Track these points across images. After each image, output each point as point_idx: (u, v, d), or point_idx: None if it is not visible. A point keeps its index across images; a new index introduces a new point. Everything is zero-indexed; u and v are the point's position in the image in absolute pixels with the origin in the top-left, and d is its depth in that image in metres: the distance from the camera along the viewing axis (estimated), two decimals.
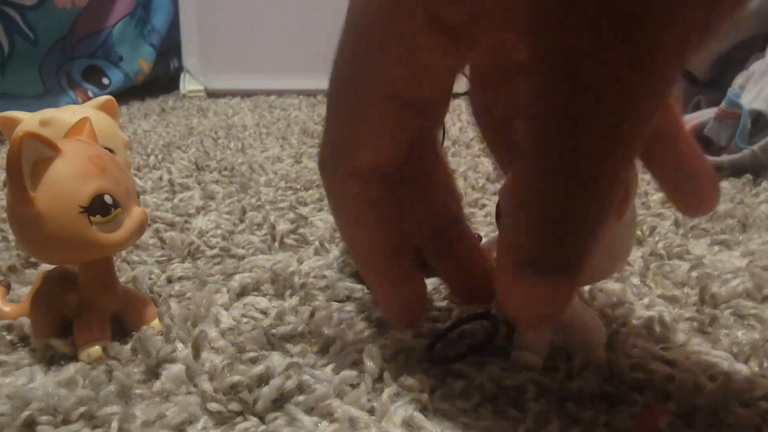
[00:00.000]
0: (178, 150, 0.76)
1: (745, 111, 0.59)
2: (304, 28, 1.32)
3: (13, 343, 0.29)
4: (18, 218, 0.25)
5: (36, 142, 0.24)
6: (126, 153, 0.36)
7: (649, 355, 0.26)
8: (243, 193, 0.55)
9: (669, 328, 0.29)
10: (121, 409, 0.23)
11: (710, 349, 0.27)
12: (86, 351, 0.27)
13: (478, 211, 0.49)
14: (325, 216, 0.48)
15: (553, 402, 0.23)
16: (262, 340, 0.28)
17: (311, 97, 1.28)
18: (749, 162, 0.58)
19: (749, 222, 0.45)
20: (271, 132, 0.88)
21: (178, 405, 0.24)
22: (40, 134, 0.24)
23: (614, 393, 0.24)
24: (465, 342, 0.28)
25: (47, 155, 0.25)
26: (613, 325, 0.29)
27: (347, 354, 0.27)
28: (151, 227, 0.44)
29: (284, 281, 0.35)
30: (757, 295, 0.33)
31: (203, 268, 0.38)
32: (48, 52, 1.10)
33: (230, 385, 0.24)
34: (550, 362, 0.26)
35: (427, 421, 0.23)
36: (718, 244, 0.42)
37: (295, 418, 0.23)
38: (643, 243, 0.42)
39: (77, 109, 0.35)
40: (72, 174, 0.25)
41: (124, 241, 0.27)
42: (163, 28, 1.34)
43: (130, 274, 0.36)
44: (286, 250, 0.42)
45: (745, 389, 0.23)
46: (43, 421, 0.23)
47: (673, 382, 0.24)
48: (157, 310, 0.31)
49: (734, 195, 0.53)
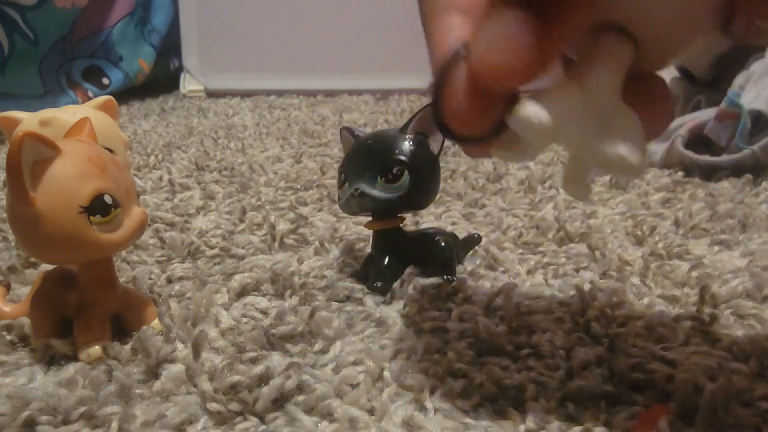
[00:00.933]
0: (178, 150, 0.76)
1: (745, 111, 0.59)
2: (304, 29, 1.33)
3: (13, 343, 0.29)
4: (18, 218, 0.25)
5: (36, 142, 0.24)
6: (126, 153, 0.36)
7: (649, 355, 0.26)
8: (243, 193, 0.55)
9: (669, 328, 0.29)
10: (121, 409, 0.23)
11: (710, 349, 0.27)
12: (86, 351, 0.27)
13: (478, 211, 0.49)
14: (325, 216, 0.48)
15: (553, 401, 0.23)
16: (262, 340, 0.28)
17: (311, 97, 1.28)
18: (749, 162, 0.58)
19: (749, 222, 0.45)
20: (271, 132, 0.88)
21: (178, 405, 0.24)
22: (40, 134, 0.24)
23: (614, 393, 0.24)
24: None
25: (47, 155, 0.25)
26: (613, 325, 0.29)
27: (347, 354, 0.27)
28: (151, 227, 0.44)
29: (284, 281, 0.35)
30: (757, 295, 0.33)
31: (203, 268, 0.38)
32: (48, 52, 1.10)
33: (230, 385, 0.24)
34: (551, 361, 0.26)
35: (427, 420, 0.23)
36: (718, 244, 0.42)
37: (295, 418, 0.23)
38: (643, 243, 0.42)
39: (77, 109, 0.35)
40: (72, 174, 0.25)
41: (124, 241, 0.27)
42: (163, 28, 1.34)
43: (130, 274, 0.36)
44: (286, 250, 0.42)
45: (745, 389, 0.23)
46: (43, 421, 0.23)
47: (673, 382, 0.24)
48: (157, 310, 0.31)
49: (734, 195, 0.53)
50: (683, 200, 0.52)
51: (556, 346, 0.27)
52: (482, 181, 0.59)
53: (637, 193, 0.54)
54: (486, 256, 0.39)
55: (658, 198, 0.52)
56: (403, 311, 0.31)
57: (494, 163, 0.67)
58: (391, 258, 0.35)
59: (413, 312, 0.31)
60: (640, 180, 0.59)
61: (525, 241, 0.42)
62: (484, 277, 0.36)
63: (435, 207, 0.50)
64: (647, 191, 0.55)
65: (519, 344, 0.27)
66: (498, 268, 0.38)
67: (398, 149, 0.32)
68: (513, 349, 0.27)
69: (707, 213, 0.47)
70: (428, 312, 0.31)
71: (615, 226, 0.45)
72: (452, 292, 0.33)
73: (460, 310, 0.31)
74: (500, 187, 0.57)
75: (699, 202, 0.51)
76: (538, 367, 0.26)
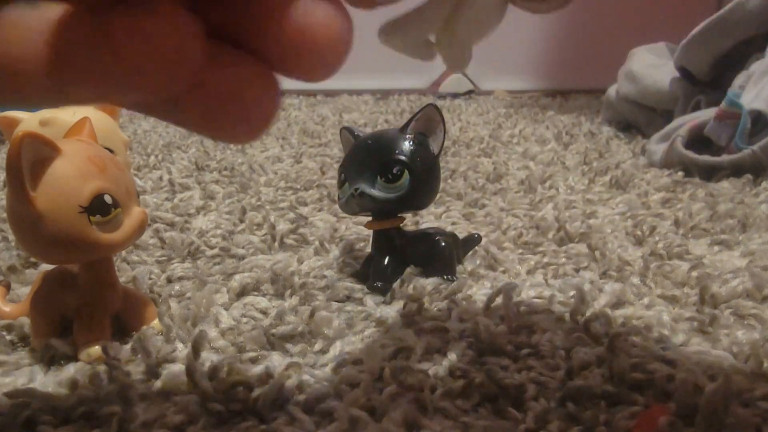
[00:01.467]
0: (178, 150, 0.76)
1: (745, 111, 0.59)
2: None
3: (13, 343, 0.29)
4: (18, 218, 0.25)
5: (36, 142, 0.24)
6: (126, 153, 0.36)
7: (649, 355, 0.26)
8: (243, 193, 0.55)
9: (669, 328, 0.29)
10: (121, 409, 0.23)
11: (710, 349, 0.27)
12: (86, 351, 0.27)
13: (479, 211, 0.49)
14: (325, 216, 0.48)
15: (553, 401, 0.23)
16: (262, 340, 0.28)
17: (311, 97, 1.28)
18: (749, 162, 0.58)
19: (749, 222, 0.45)
20: (271, 132, 0.88)
21: (178, 405, 0.24)
22: (40, 134, 0.24)
23: (614, 393, 0.24)
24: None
25: (47, 155, 0.25)
26: (613, 325, 0.29)
27: (347, 354, 0.27)
28: (151, 227, 0.44)
29: (284, 281, 0.35)
30: (757, 295, 0.33)
31: (203, 268, 0.38)
32: None
33: (230, 385, 0.24)
34: (551, 361, 0.26)
35: (428, 420, 0.22)
36: (718, 244, 0.42)
37: (295, 418, 0.23)
38: (643, 243, 0.42)
39: (77, 109, 0.35)
40: (72, 174, 0.25)
41: (124, 241, 0.27)
42: None
43: (130, 274, 0.36)
44: (286, 250, 0.42)
45: (745, 389, 0.23)
46: (44, 421, 0.23)
47: (673, 382, 0.24)
48: (157, 310, 0.31)
49: (734, 195, 0.53)
50: (683, 200, 0.52)
51: (556, 346, 0.27)
52: (482, 181, 0.59)
53: (637, 193, 0.54)
54: (486, 256, 0.39)
55: (658, 198, 0.52)
56: (403, 311, 0.31)
57: (494, 163, 0.67)
58: (391, 258, 0.35)
59: (413, 312, 0.31)
60: (640, 180, 0.59)
61: (525, 241, 0.42)
62: (484, 277, 0.36)
63: (435, 207, 0.50)
64: (647, 191, 0.55)
65: (519, 344, 0.27)
66: (498, 268, 0.38)
67: (398, 149, 0.32)
68: (513, 349, 0.27)
69: (707, 213, 0.47)
70: (428, 312, 0.31)
71: (615, 226, 0.45)
72: (452, 292, 0.33)
73: (460, 310, 0.31)
74: (500, 187, 0.57)
75: (699, 202, 0.51)
76: (538, 367, 0.26)
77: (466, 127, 0.93)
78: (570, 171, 0.64)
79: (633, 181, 0.59)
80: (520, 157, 0.71)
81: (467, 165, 0.65)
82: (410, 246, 0.35)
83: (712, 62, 0.71)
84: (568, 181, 0.59)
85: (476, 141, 0.81)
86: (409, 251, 0.35)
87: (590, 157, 0.69)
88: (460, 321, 0.30)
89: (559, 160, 0.69)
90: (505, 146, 0.78)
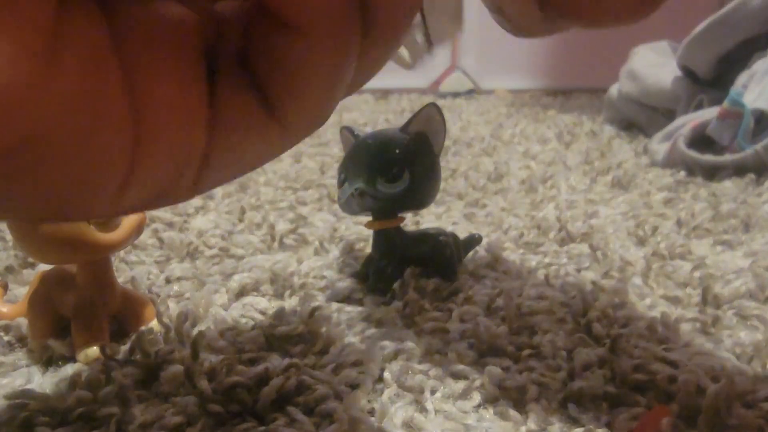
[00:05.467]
0: None
1: (748, 110, 0.59)
2: None
3: (10, 343, 0.29)
4: None
5: None
6: None
7: (651, 356, 0.26)
8: (242, 192, 0.55)
9: (671, 329, 0.29)
10: (119, 410, 0.23)
11: (713, 350, 0.27)
12: (84, 352, 0.27)
13: (479, 210, 0.49)
14: (324, 216, 0.48)
15: (554, 403, 0.23)
16: (262, 341, 0.28)
17: None
18: (752, 162, 0.57)
19: (752, 222, 0.45)
20: None
21: (176, 406, 0.23)
22: None
23: (616, 394, 0.24)
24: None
25: None
26: (615, 326, 0.29)
27: (347, 354, 0.27)
28: (149, 227, 0.44)
29: (284, 281, 0.35)
30: (760, 296, 0.33)
31: (202, 268, 0.38)
32: None
33: (229, 386, 0.24)
34: (552, 362, 0.26)
35: (428, 422, 0.22)
36: (720, 244, 0.41)
37: (295, 419, 0.23)
38: (645, 243, 0.42)
39: None
40: None
41: (123, 241, 0.27)
42: None
43: (128, 275, 0.36)
44: (285, 250, 0.41)
45: (748, 390, 0.23)
46: (41, 422, 0.22)
47: (676, 383, 0.24)
48: (155, 311, 0.31)
49: (737, 195, 0.53)
50: (685, 200, 0.52)
51: (557, 347, 0.27)
52: (483, 180, 0.58)
53: (639, 193, 0.54)
54: (487, 257, 0.38)
55: (660, 198, 0.52)
56: (403, 311, 0.31)
57: (495, 162, 0.67)
58: (391, 258, 0.35)
59: (413, 312, 0.31)
60: (642, 179, 0.59)
61: (526, 241, 0.42)
62: (485, 277, 0.36)
63: (435, 207, 0.50)
64: (649, 191, 0.55)
65: (520, 345, 0.27)
66: (499, 268, 0.37)
67: (398, 149, 0.32)
68: (514, 349, 0.27)
69: (710, 213, 0.47)
70: (429, 312, 0.31)
71: (617, 226, 0.45)
72: (453, 293, 0.33)
73: (460, 311, 0.30)
74: (501, 186, 0.57)
75: (701, 201, 0.51)
76: (540, 368, 0.25)
77: (467, 126, 0.93)
78: (571, 171, 0.64)
79: (635, 180, 0.58)
80: (521, 157, 0.71)
81: (468, 164, 0.65)
82: (410, 246, 0.35)
83: (714, 61, 0.71)
84: (570, 181, 0.59)
85: (477, 140, 0.80)
86: (409, 251, 0.35)
87: (592, 157, 0.69)
88: (461, 321, 0.30)
89: (561, 159, 0.69)
90: (506, 146, 0.77)
